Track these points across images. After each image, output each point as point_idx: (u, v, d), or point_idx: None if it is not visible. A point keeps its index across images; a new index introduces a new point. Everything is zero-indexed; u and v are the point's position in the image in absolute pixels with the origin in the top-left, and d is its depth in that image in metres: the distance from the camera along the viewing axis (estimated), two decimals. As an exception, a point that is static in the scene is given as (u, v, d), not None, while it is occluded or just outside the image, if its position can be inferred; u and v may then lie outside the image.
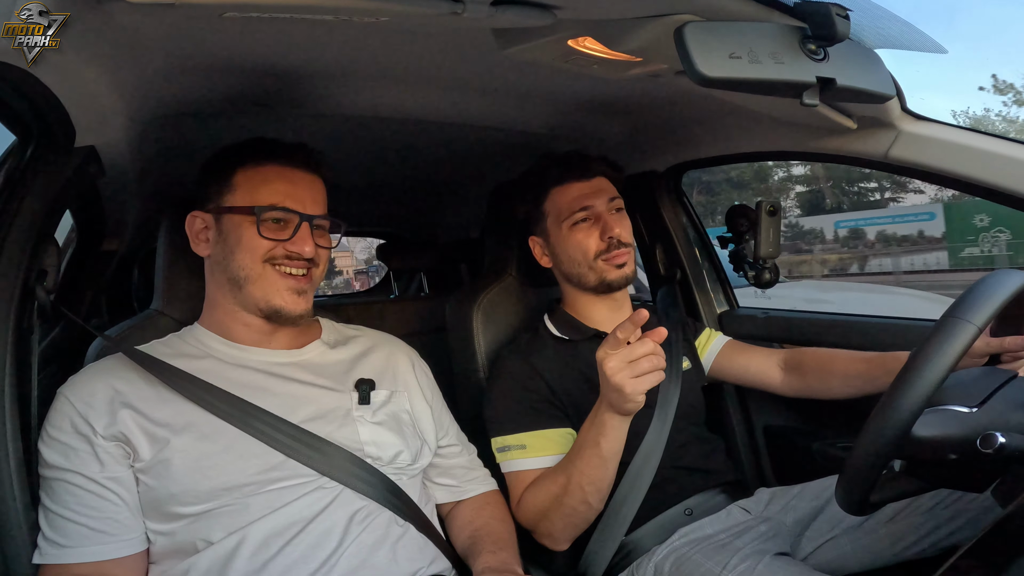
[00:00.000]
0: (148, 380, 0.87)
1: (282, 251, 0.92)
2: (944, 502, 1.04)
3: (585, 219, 1.22)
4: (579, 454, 1.01)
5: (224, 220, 0.94)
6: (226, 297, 0.95)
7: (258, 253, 0.92)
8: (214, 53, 0.91)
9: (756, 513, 1.17)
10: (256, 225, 0.91)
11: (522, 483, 1.11)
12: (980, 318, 0.69)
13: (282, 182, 0.94)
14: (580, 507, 1.03)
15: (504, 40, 0.90)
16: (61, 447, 0.82)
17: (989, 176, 1.00)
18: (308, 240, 0.93)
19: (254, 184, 0.94)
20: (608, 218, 1.22)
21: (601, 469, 1.00)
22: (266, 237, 0.92)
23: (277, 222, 0.93)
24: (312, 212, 0.95)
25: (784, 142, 1.29)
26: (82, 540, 0.79)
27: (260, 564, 0.81)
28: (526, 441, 1.12)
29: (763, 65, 0.75)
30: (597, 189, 1.23)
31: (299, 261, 0.93)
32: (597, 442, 0.97)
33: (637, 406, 0.93)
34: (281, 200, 0.93)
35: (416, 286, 2.75)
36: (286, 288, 0.93)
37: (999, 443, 0.66)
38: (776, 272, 1.50)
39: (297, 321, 0.96)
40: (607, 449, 0.98)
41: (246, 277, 0.92)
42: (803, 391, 1.30)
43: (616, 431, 0.97)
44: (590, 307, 1.27)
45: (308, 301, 0.96)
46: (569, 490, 1.02)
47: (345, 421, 0.94)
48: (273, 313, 0.93)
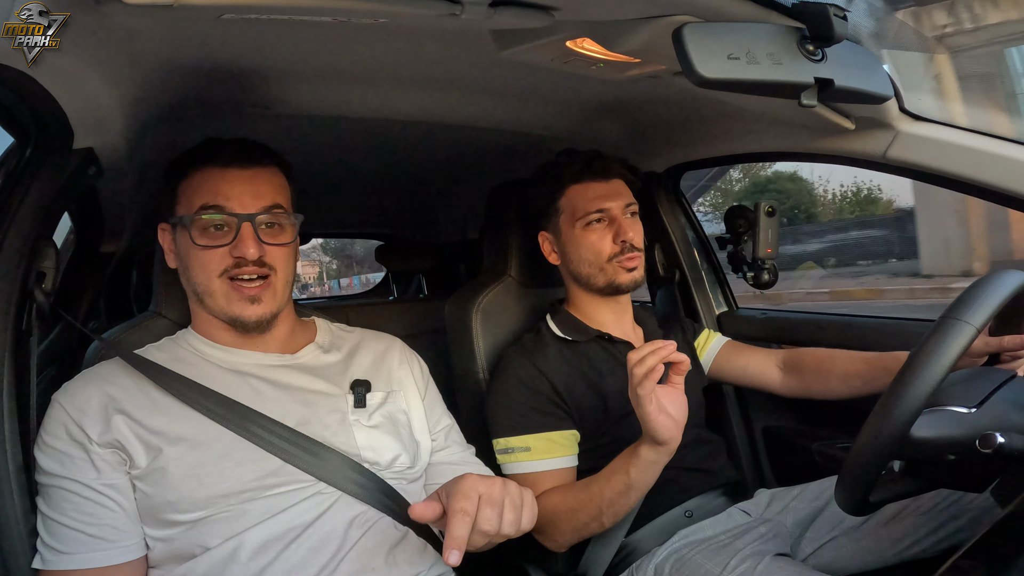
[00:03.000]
0: (142, 386, 0.86)
1: (230, 259, 0.89)
2: (944, 502, 1.04)
3: (600, 220, 1.21)
4: (607, 477, 1.00)
5: (176, 233, 0.93)
6: (197, 306, 0.95)
7: (210, 268, 0.89)
8: (212, 55, 0.91)
9: (756, 515, 1.17)
10: (188, 231, 0.88)
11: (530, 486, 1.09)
12: (978, 319, 0.69)
13: (218, 183, 0.90)
14: (592, 524, 1.03)
15: (502, 41, 0.90)
16: (57, 454, 0.81)
17: (988, 176, 1.00)
18: (249, 241, 0.88)
19: (192, 190, 0.91)
20: (623, 221, 1.21)
21: (624, 497, 0.98)
22: (201, 245, 0.88)
23: (219, 228, 0.89)
24: (252, 210, 0.89)
25: (782, 143, 1.29)
26: (80, 546, 0.79)
27: (258, 569, 0.81)
28: (530, 444, 1.12)
29: (761, 66, 0.75)
30: (615, 191, 1.22)
31: (248, 267, 0.89)
32: (627, 470, 0.96)
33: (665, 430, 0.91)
34: (212, 199, 0.88)
35: (415, 287, 2.75)
36: (238, 299, 0.90)
37: (998, 443, 0.66)
38: (775, 273, 1.50)
39: (260, 327, 0.93)
40: (635, 479, 0.96)
41: (203, 292, 0.91)
42: (802, 391, 1.30)
43: (646, 463, 0.95)
44: (594, 308, 1.27)
45: (267, 306, 0.91)
46: (586, 507, 1.02)
47: (342, 426, 0.93)
48: (233, 322, 0.92)
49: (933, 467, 0.76)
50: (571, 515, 1.04)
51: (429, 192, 2.13)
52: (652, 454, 0.94)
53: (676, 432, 0.92)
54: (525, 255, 1.40)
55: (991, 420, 0.70)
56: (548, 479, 1.10)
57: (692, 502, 1.18)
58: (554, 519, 1.05)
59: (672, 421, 0.92)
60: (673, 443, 0.93)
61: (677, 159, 1.56)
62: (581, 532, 1.05)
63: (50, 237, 0.89)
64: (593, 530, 1.05)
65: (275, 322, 0.95)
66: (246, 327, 0.92)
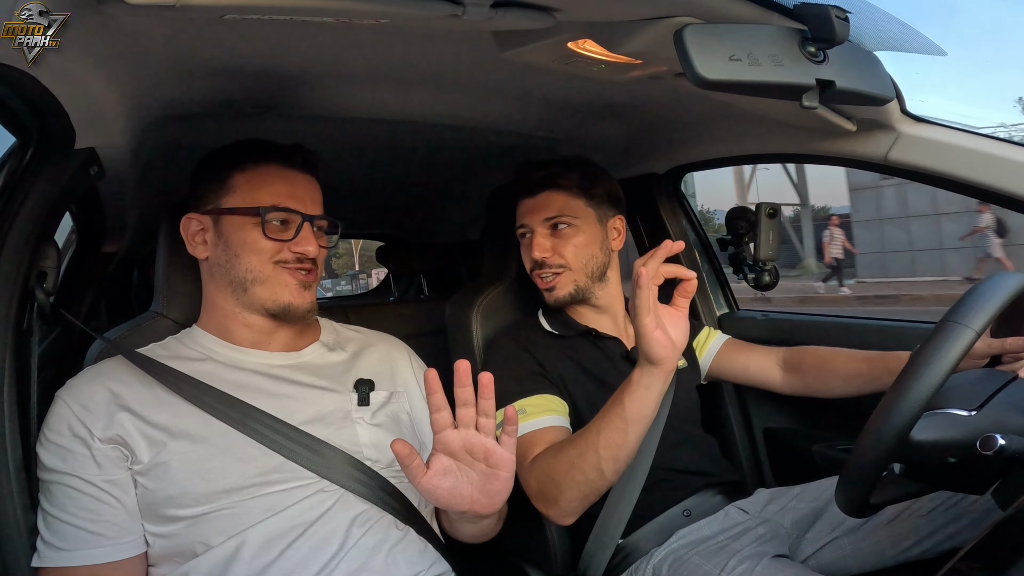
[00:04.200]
0: (146, 383, 0.87)
1: (289, 254, 0.93)
2: (944, 504, 1.04)
3: (524, 235, 1.24)
4: (602, 416, 0.96)
5: (223, 222, 0.94)
6: (227, 299, 0.95)
7: (266, 255, 0.92)
8: (214, 55, 0.91)
9: (754, 514, 1.17)
10: (261, 226, 0.92)
11: (527, 445, 1.07)
12: (978, 322, 0.69)
13: (282, 183, 0.95)
14: (592, 474, 0.96)
15: (504, 42, 0.90)
16: (59, 450, 0.82)
17: (989, 178, 1.00)
18: (311, 240, 0.94)
19: (254, 185, 0.94)
20: (537, 238, 1.21)
21: (621, 434, 0.93)
22: (270, 238, 0.92)
23: (282, 224, 0.94)
24: (312, 212, 0.96)
25: (783, 144, 1.29)
26: (80, 543, 0.79)
27: (260, 568, 0.81)
28: (524, 405, 1.10)
29: (762, 67, 0.75)
30: (536, 207, 1.23)
31: (306, 263, 0.95)
32: (621, 400, 0.93)
33: (659, 347, 0.88)
34: (283, 201, 0.93)
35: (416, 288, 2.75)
36: (295, 283, 0.94)
37: (999, 445, 0.66)
38: (776, 274, 1.50)
39: (306, 316, 0.96)
40: (631, 411, 0.92)
41: (254, 279, 0.93)
42: (803, 390, 1.30)
43: (639, 388, 0.91)
44: (572, 310, 1.27)
45: (313, 295, 0.97)
46: (584, 454, 0.96)
47: (344, 423, 0.93)
48: (281, 311, 0.94)
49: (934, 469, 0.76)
50: (570, 466, 0.98)
51: (430, 193, 2.13)
52: (645, 377, 0.91)
53: (671, 352, 0.90)
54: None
55: (992, 422, 0.70)
56: (546, 436, 1.07)
57: (690, 500, 1.18)
58: (552, 475, 1.00)
59: (668, 340, 0.89)
60: (667, 364, 0.90)
61: (678, 160, 1.56)
62: (582, 488, 0.98)
63: (51, 237, 0.89)
64: (594, 483, 0.98)
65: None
66: (292, 315, 0.95)
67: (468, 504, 0.78)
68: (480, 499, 0.78)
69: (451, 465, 0.77)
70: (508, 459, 0.77)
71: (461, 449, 0.76)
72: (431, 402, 0.75)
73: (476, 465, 0.77)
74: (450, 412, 0.76)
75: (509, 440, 0.77)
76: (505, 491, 0.79)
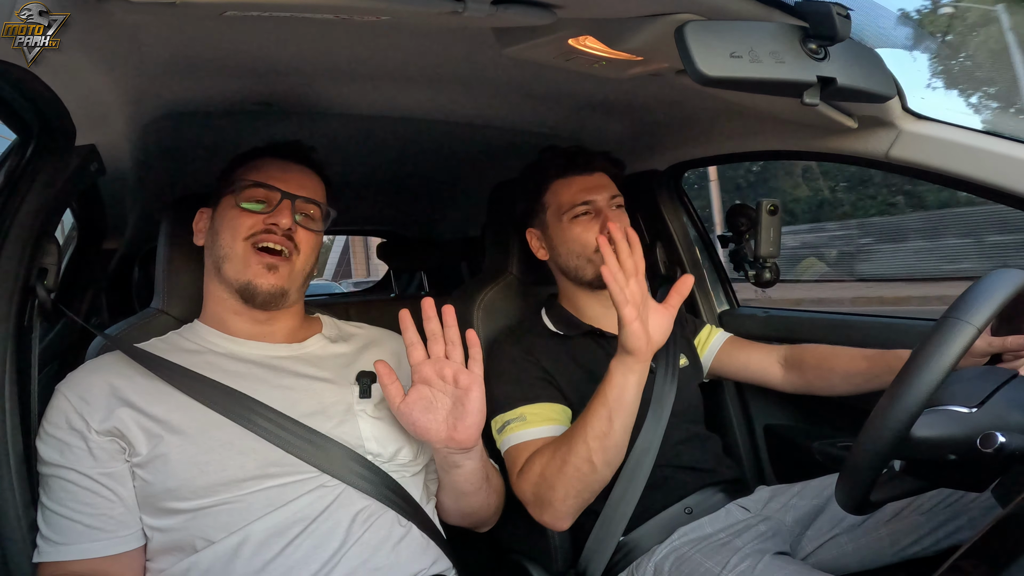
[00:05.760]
0: (145, 376, 0.87)
1: (261, 225, 0.93)
2: (945, 501, 1.04)
3: (586, 212, 1.22)
4: (588, 407, 0.98)
5: (219, 207, 0.98)
6: (212, 282, 0.97)
7: (239, 231, 0.93)
8: (214, 52, 0.91)
9: (755, 511, 1.17)
10: (235, 198, 0.95)
11: (524, 453, 1.07)
12: (979, 319, 0.69)
13: (272, 168, 0.98)
14: (583, 467, 0.97)
15: (505, 39, 0.90)
16: (57, 444, 0.82)
17: (990, 176, 1.00)
18: (285, 213, 0.93)
19: (248, 172, 0.98)
20: (609, 213, 1.22)
21: (606, 422, 0.95)
22: (245, 208, 0.94)
23: (260, 201, 0.95)
24: (297, 192, 0.96)
25: (784, 141, 1.29)
26: (78, 537, 0.79)
27: (262, 564, 0.81)
28: (524, 412, 1.11)
29: (764, 64, 0.75)
30: (599, 184, 1.24)
31: (276, 236, 0.93)
32: (603, 389, 0.96)
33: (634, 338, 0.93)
34: (265, 179, 0.96)
35: (416, 285, 2.75)
36: (257, 262, 0.92)
37: (999, 443, 0.66)
38: (777, 271, 1.50)
39: (270, 301, 0.94)
40: (611, 398, 0.95)
41: (224, 256, 0.94)
42: (804, 388, 1.30)
43: (621, 376, 0.95)
44: (585, 302, 1.27)
45: (281, 279, 0.94)
46: (574, 447, 0.97)
47: (346, 416, 0.93)
48: (242, 288, 0.93)
49: (934, 467, 0.76)
50: (562, 464, 0.98)
51: (431, 189, 2.13)
52: (620, 365, 0.95)
53: (644, 346, 0.93)
54: (527, 253, 1.40)
55: (992, 420, 0.70)
56: (538, 445, 1.07)
57: (691, 498, 1.18)
58: (545, 476, 1.00)
59: (644, 334, 0.93)
60: (639, 355, 0.94)
61: (679, 157, 1.56)
62: (575, 485, 0.98)
63: (52, 233, 0.89)
64: (587, 478, 0.98)
65: (285, 302, 0.96)
66: (256, 298, 0.93)
67: (445, 431, 0.87)
68: (455, 426, 0.86)
69: (428, 393, 0.87)
70: (476, 377, 0.86)
71: (435, 376, 0.86)
72: (405, 337, 0.87)
73: (447, 389, 0.87)
74: (423, 346, 0.87)
75: (476, 364, 0.87)
76: (477, 418, 0.87)
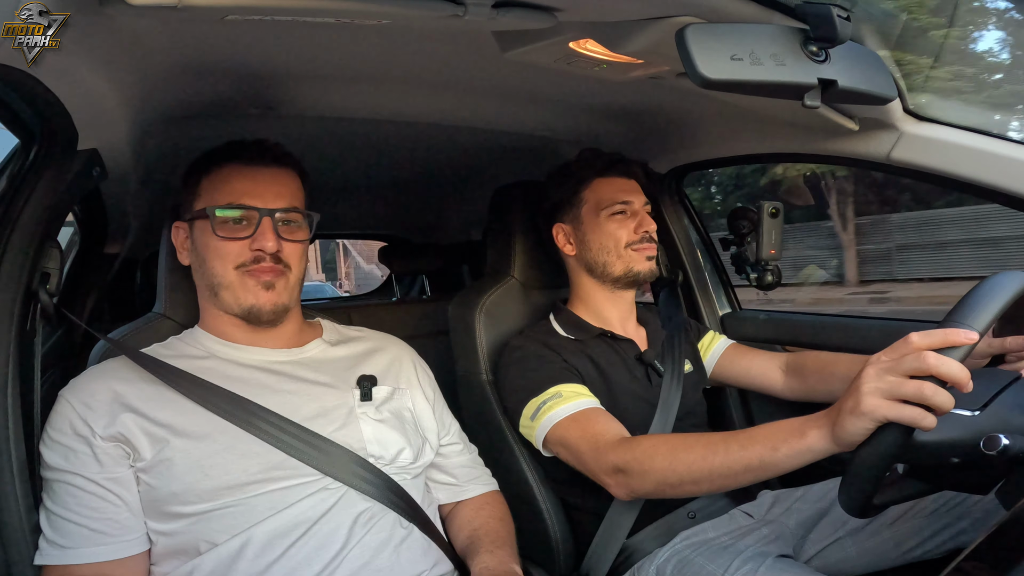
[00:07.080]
0: (149, 381, 0.87)
1: (250, 255, 0.91)
2: (948, 504, 1.03)
3: (623, 211, 1.26)
4: (742, 444, 0.86)
5: (195, 228, 0.95)
6: (209, 302, 0.96)
7: (229, 261, 0.91)
8: (216, 55, 0.92)
9: (759, 516, 1.17)
10: (211, 222, 0.91)
11: (580, 423, 1.06)
12: (980, 323, 0.69)
13: (240, 179, 0.93)
14: (686, 475, 0.89)
15: (505, 42, 0.90)
16: (61, 449, 0.82)
17: (992, 177, 1.00)
18: (269, 235, 0.91)
19: (214, 186, 0.94)
20: (644, 215, 1.28)
21: (749, 474, 0.85)
22: (223, 237, 0.90)
23: (238, 222, 0.92)
24: (274, 205, 0.92)
25: (785, 144, 1.29)
26: (82, 541, 0.80)
27: (264, 566, 0.81)
28: (560, 391, 1.12)
29: (764, 67, 0.75)
30: (636, 188, 1.30)
31: (267, 265, 0.91)
32: (775, 446, 0.82)
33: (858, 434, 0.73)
34: (237, 198, 0.91)
35: (418, 288, 2.75)
36: (254, 284, 0.92)
37: (1002, 445, 0.66)
38: (778, 274, 1.50)
39: (275, 319, 0.94)
40: (781, 460, 0.82)
41: (219, 284, 0.92)
42: (805, 394, 1.29)
43: (806, 450, 0.80)
44: (601, 304, 1.28)
45: (280, 296, 0.93)
46: (692, 458, 0.89)
47: (348, 420, 0.94)
48: (246, 313, 0.93)
49: (937, 469, 0.76)
50: (671, 454, 0.92)
51: (432, 193, 2.13)
52: (822, 443, 0.78)
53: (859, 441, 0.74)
54: (529, 257, 1.40)
55: (995, 422, 0.70)
56: (591, 415, 1.07)
57: (695, 503, 1.18)
58: (653, 454, 0.94)
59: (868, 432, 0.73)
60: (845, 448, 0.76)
61: (680, 160, 1.56)
62: (670, 479, 0.92)
63: (55, 238, 0.89)
64: (678, 488, 0.92)
65: (285, 317, 0.97)
66: (260, 317, 0.93)
67: None
68: None
69: None
70: None
71: None
72: None
73: None
74: None
75: None
76: None
